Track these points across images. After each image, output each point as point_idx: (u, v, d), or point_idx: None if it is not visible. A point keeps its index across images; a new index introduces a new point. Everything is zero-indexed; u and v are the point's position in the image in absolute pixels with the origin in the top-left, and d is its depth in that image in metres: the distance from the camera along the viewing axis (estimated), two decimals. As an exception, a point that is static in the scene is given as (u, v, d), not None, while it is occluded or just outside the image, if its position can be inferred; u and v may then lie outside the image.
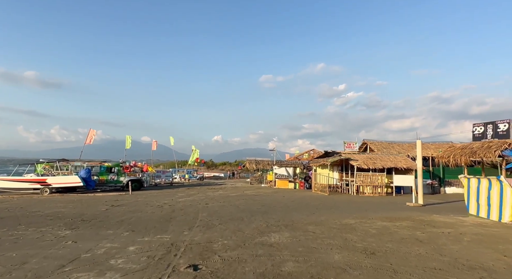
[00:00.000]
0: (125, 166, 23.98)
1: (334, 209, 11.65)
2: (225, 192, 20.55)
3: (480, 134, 10.61)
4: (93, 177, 20.74)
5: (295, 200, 15.16)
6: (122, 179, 21.71)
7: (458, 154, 9.77)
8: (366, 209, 11.67)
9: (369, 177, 18.09)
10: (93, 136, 27.90)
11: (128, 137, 35.43)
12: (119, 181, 21.63)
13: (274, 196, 17.17)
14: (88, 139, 27.91)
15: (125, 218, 9.46)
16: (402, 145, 22.39)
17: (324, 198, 16.31)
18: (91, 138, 27.88)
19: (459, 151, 9.80)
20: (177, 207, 12.21)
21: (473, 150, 9.11)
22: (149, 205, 12.74)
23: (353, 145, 20.69)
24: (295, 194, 18.97)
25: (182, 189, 23.73)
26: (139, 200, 14.89)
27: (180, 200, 15.11)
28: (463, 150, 9.61)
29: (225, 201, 14.40)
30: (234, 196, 17.44)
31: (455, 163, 9.93)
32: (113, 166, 21.79)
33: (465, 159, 9.63)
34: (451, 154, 10.01)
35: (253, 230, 7.43)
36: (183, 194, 18.76)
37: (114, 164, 22.02)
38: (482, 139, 10.26)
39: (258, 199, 15.36)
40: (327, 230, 7.37)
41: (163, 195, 18.08)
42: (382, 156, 19.06)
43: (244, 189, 23.53)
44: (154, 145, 41.39)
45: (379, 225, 8.00)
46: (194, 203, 13.50)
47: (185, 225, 8.22)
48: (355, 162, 17.90)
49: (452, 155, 10.00)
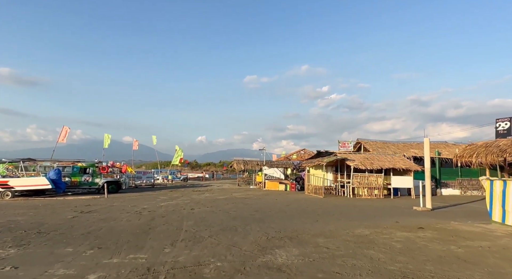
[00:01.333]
0: (101, 167, 22.00)
1: (337, 215, 10.39)
2: (211, 194, 19.01)
3: (505, 131, 9.65)
4: (65, 178, 18.73)
5: (289, 204, 13.84)
6: (98, 180, 19.77)
7: (482, 152, 8.73)
8: (373, 215, 10.48)
9: (366, 178, 17.03)
10: (66, 133, 25.70)
11: (106, 136, 33.19)
12: (94, 183, 19.68)
13: (266, 200, 15.80)
14: (62, 137, 25.66)
15: (93, 228, 7.82)
16: (397, 144, 21.57)
17: (320, 201, 15.08)
18: (65, 136, 25.66)
19: (483, 150, 8.77)
20: (158, 213, 10.62)
21: (501, 148, 8.05)
22: (125, 211, 11.07)
23: (348, 144, 19.67)
24: (288, 197, 17.67)
25: (164, 191, 21.98)
26: (115, 205, 13.15)
27: (162, 204, 13.48)
28: (487, 148, 8.57)
29: (212, 206, 12.90)
30: (222, 199, 15.95)
31: (478, 163, 8.89)
32: (87, 167, 19.81)
33: (492, 158, 8.57)
34: (473, 153, 8.98)
35: (251, 245, 6.02)
36: (165, 197, 17.08)
37: (89, 164, 20.03)
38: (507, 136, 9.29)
39: (250, 203, 13.94)
40: (342, 244, 6.06)
41: (143, 198, 16.34)
42: (380, 156, 18.07)
43: (232, 191, 22.05)
44: (135, 145, 39.20)
45: (400, 236, 6.76)
46: (177, 208, 11.93)
47: (166, 238, 6.70)
48: (352, 162, 16.80)
49: (474, 154, 8.96)
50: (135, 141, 39.56)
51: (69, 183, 18.99)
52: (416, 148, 20.79)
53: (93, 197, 16.58)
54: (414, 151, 20.35)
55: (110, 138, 33.61)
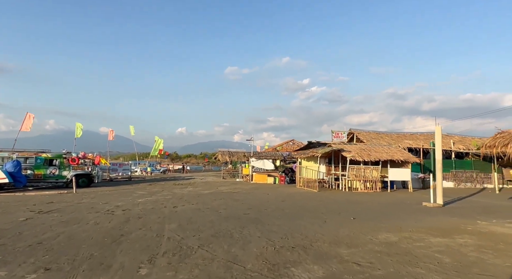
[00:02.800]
0: (70, 158, 19.75)
1: (343, 213, 9.12)
2: (195, 188, 17.38)
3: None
4: (26, 171, 16.47)
5: (284, 199, 12.49)
6: (66, 173, 17.62)
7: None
8: (383, 212, 9.31)
9: (362, 170, 15.97)
10: (31, 121, 23.01)
11: (78, 125, 30.44)
12: (61, 176, 17.52)
13: (257, 194, 14.38)
14: (25, 126, 22.95)
15: (47, 236, 6.09)
16: (391, 135, 20.71)
17: (315, 196, 13.85)
18: (29, 124, 22.98)
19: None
20: (134, 213, 8.94)
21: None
22: (94, 210, 9.30)
23: (342, 134, 18.57)
24: (279, 190, 16.34)
25: (142, 185, 20.10)
26: (83, 202, 11.28)
27: (139, 201, 11.76)
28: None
29: (198, 202, 11.32)
30: (208, 194, 14.38)
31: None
32: (53, 158, 17.58)
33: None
34: (509, 141, 7.93)
35: (257, 261, 4.56)
36: (143, 192, 15.29)
37: (56, 155, 17.80)
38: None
39: (240, 199, 12.46)
40: (374, 257, 4.71)
41: (117, 193, 14.49)
42: (376, 147, 17.06)
43: (217, 184, 20.49)
44: (111, 135, 36.51)
45: (438, 244, 5.52)
46: (158, 206, 10.27)
47: (143, 250, 5.12)
48: (348, 153, 15.65)
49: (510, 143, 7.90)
50: (110, 131, 36.84)
51: (32, 176, 16.75)
52: (410, 139, 20.02)
53: (59, 193, 14.53)
54: (408, 142, 19.56)
55: (82, 127, 30.92)
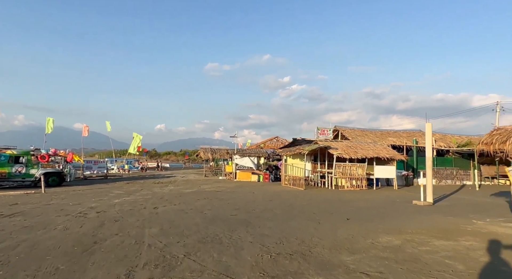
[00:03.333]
0: (40, 155, 18.33)
1: (337, 213, 8.73)
2: (176, 187, 16.55)
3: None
4: (-12, 169, 15.04)
5: (272, 198, 11.99)
6: (34, 172, 16.27)
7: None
8: (376, 212, 9.00)
9: (348, 168, 15.76)
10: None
11: (49, 120, 28.52)
12: (28, 174, 16.14)
13: (242, 193, 13.80)
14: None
15: (5, 246, 5.23)
16: (375, 132, 20.73)
17: (303, 194, 13.46)
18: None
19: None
20: (110, 215, 8.11)
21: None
22: (64, 213, 8.38)
23: (327, 131, 18.33)
24: (265, 189, 15.84)
25: (120, 183, 18.99)
26: (52, 204, 10.26)
27: (116, 201, 10.87)
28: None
29: (181, 203, 10.60)
30: (190, 193, 13.65)
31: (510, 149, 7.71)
32: (20, 155, 16.16)
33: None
34: (507, 138, 7.78)
35: (253, 273, 4.00)
36: (120, 191, 14.32)
37: (22, 152, 16.38)
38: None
39: (225, 198, 11.84)
40: (382, 265, 4.28)
41: (92, 193, 13.45)
42: (362, 145, 16.92)
43: (200, 183, 19.71)
44: (85, 131, 34.59)
45: (444, 248, 5.17)
46: (136, 207, 9.46)
47: (120, 261, 4.42)
48: (335, 151, 15.38)
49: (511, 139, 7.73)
50: (85, 126, 34.92)
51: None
52: (394, 137, 20.12)
53: (25, 193, 13.29)
54: (392, 139, 19.63)
55: (54, 122, 29.02)
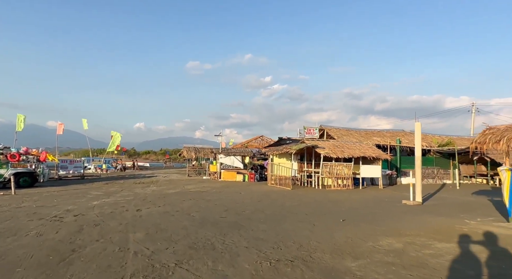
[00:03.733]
0: (9, 154, 17.12)
1: (329, 214, 8.51)
2: (159, 187, 15.88)
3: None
4: (-50, 169, 13.81)
5: (260, 199, 11.66)
6: (3, 172, 15.12)
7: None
8: (369, 212, 8.87)
9: (334, 167, 15.71)
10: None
11: (19, 117, 26.80)
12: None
13: (229, 193, 13.39)
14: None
15: (-33, 257, 4.60)
16: (360, 132, 20.88)
17: (291, 194, 13.23)
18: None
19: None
20: (89, 218, 7.50)
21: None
22: (37, 217, 7.67)
23: (313, 131, 18.22)
24: (251, 189, 15.50)
25: (98, 184, 18.03)
26: (24, 206, 9.44)
27: (95, 203, 10.17)
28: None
29: (165, 204, 10.06)
30: (175, 194, 13.08)
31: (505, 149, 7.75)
32: (-13, 154, 14.95)
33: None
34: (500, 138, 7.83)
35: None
36: (99, 192, 13.52)
37: (-11, 150, 15.17)
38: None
39: (212, 199, 11.39)
40: (392, 272, 4.03)
41: (68, 194, 12.60)
42: (349, 144, 16.93)
43: (183, 183, 19.08)
44: (60, 129, 32.81)
45: (447, 250, 5.03)
46: (118, 210, 8.85)
47: (102, 273, 3.94)
48: (322, 150, 15.27)
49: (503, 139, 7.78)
50: (59, 124, 33.14)
51: (-42, 176, 14.07)
52: (378, 136, 20.35)
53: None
54: (376, 139, 19.85)
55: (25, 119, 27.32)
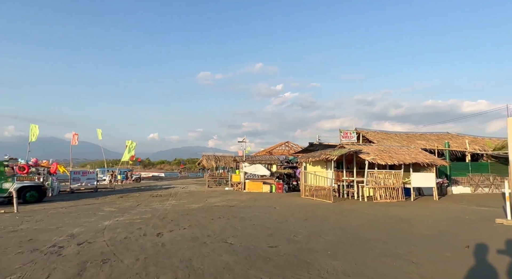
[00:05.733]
0: (18, 166, 15.73)
1: (418, 242, 6.35)
2: (179, 201, 14.01)
3: None
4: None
5: (305, 216, 9.54)
6: (8, 186, 13.60)
7: None
8: (461, 239, 6.68)
9: (382, 176, 13.44)
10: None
11: (33, 127, 25.74)
12: (2, 189, 13.48)
13: (262, 209, 11.34)
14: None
15: None
16: (401, 135, 18.57)
17: (338, 209, 11.07)
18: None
19: None
20: (96, 249, 5.62)
21: None
22: (31, 246, 5.85)
23: (351, 134, 16.11)
24: (285, 202, 13.42)
25: (111, 197, 16.34)
26: (20, 229, 7.69)
27: (106, 224, 8.35)
28: None
29: (191, 224, 8.12)
30: (199, 210, 11.15)
31: None
32: (-9, 166, 13.51)
33: None
34: None
35: None
36: (112, 208, 11.74)
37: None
38: None
39: (246, 217, 9.38)
40: None
41: (76, 211, 10.87)
42: (395, 149, 14.68)
43: (205, 195, 17.15)
44: (75, 139, 31.77)
45: None
46: (133, 234, 6.96)
47: None
48: (367, 156, 13.10)
49: None
50: (74, 134, 32.10)
51: (-41, 191, 12.63)
52: (422, 139, 17.97)
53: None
54: (421, 142, 17.48)
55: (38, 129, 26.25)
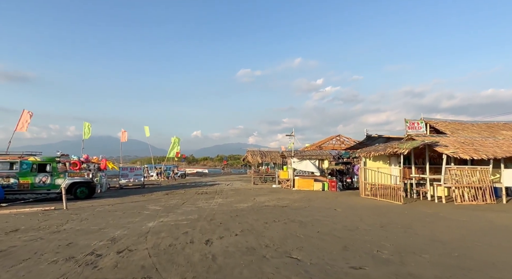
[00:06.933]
0: (72, 162, 16.03)
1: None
2: (226, 199, 13.05)
3: None
4: (8, 180, 12.75)
5: (382, 223, 7.89)
6: (60, 182, 13.70)
7: None
8: None
9: (466, 173, 11.11)
10: (28, 120, 19.55)
11: (85, 125, 26.88)
12: (54, 185, 13.61)
13: (320, 211, 9.85)
14: (21, 125, 19.50)
15: None
16: (479, 125, 15.71)
17: (415, 213, 9.20)
18: (25, 123, 19.51)
19: None
20: (135, 261, 4.64)
21: None
22: (67, 253, 5.07)
23: (419, 124, 13.87)
24: (344, 202, 11.77)
25: (157, 194, 15.96)
26: (63, 230, 7.13)
27: (150, 225, 7.52)
28: None
29: (243, 229, 6.94)
30: (249, 210, 9.99)
31: None
32: (45, 162, 13.70)
33: None
34: None
35: None
36: (157, 206, 11.08)
37: (47, 158, 13.92)
38: None
39: (304, 221, 7.99)
40: None
41: (122, 209, 10.34)
42: (480, 140, 12.21)
43: (252, 193, 16.05)
44: (124, 136, 32.88)
45: None
46: (178, 240, 5.96)
47: None
48: (446, 149, 10.90)
49: None
50: (123, 131, 33.21)
51: (16, 186, 12.93)
52: (508, 129, 14.97)
53: (43, 209, 10.52)
54: (507, 133, 14.52)
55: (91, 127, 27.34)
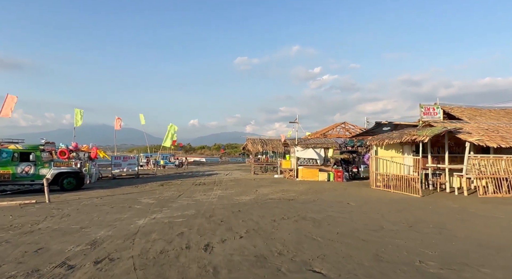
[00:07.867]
0: (59, 150, 14.81)
1: None
2: (225, 191, 12.02)
3: None
4: (-14, 170, 11.59)
5: (409, 222, 6.90)
6: (45, 172, 12.58)
7: None
8: None
9: (491, 162, 10.11)
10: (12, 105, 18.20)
11: (77, 112, 25.50)
12: (38, 175, 12.49)
13: (331, 205, 8.85)
14: (5, 110, 18.17)
15: None
16: (497, 111, 14.66)
17: (441, 208, 8.21)
18: (10, 107, 18.19)
19: None
20: (118, 275, 3.60)
21: None
22: (33, 263, 4.01)
23: (434, 110, 12.80)
24: (355, 194, 10.78)
25: (152, 185, 14.90)
26: (38, 230, 6.06)
27: (140, 223, 6.47)
28: None
29: (248, 228, 5.91)
30: (251, 204, 8.96)
31: None
32: (27, 151, 12.55)
33: None
34: None
35: None
36: (151, 199, 10.03)
37: (30, 147, 12.76)
38: None
39: (317, 219, 6.98)
40: None
41: (110, 203, 9.27)
42: (505, 127, 11.17)
43: (253, 184, 15.03)
44: (118, 124, 31.47)
45: None
46: (172, 244, 4.91)
47: None
48: (469, 136, 9.85)
49: None
50: (117, 119, 31.79)
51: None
52: (528, 116, 13.95)
53: (22, 203, 9.43)
54: (527, 120, 13.50)
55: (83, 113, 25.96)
